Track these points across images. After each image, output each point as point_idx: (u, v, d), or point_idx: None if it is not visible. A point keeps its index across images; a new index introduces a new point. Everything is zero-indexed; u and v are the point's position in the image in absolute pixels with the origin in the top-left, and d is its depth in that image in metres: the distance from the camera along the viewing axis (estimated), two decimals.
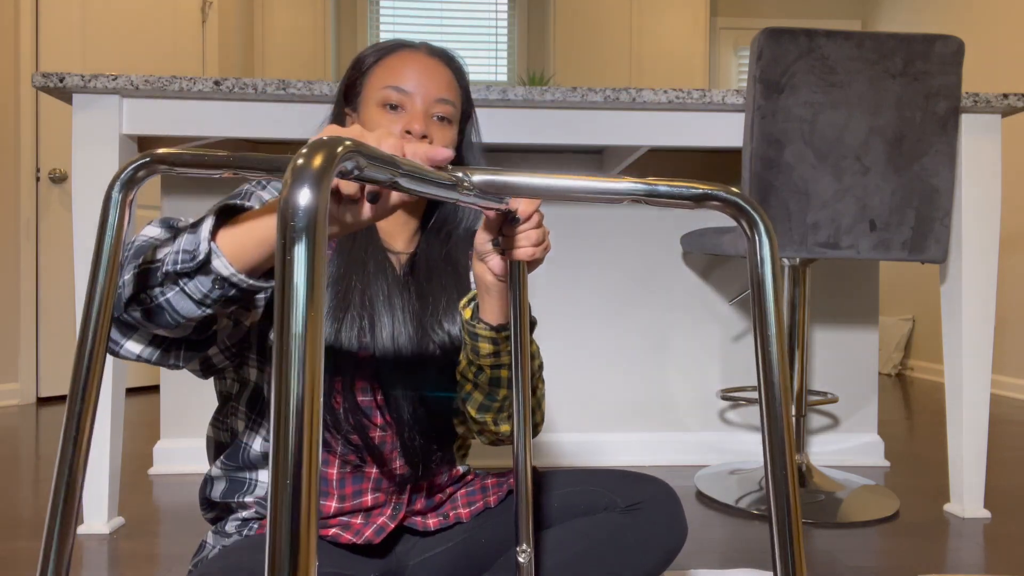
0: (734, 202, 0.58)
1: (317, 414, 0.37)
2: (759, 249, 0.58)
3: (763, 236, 0.58)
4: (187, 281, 0.70)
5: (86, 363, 0.61)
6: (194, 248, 0.69)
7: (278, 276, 0.37)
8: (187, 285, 0.70)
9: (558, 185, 0.61)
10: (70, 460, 0.60)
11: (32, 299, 3.18)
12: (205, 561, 0.95)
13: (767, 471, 0.57)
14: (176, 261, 0.69)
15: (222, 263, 0.69)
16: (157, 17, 3.60)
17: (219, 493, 0.97)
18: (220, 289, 0.70)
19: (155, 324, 0.73)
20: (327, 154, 0.40)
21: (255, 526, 0.96)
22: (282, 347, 0.37)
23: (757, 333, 0.58)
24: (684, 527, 1.05)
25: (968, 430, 1.74)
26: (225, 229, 0.71)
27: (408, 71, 0.97)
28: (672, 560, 1.04)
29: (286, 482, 0.36)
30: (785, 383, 0.57)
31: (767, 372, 0.57)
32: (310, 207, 0.38)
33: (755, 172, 1.62)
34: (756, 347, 0.58)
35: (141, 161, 0.60)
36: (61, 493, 0.60)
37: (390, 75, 0.97)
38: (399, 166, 0.49)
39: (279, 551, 0.36)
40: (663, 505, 1.05)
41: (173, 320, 0.72)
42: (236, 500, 0.96)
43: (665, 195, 0.59)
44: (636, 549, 1.02)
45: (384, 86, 0.97)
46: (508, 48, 5.15)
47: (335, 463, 0.95)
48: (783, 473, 0.56)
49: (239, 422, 0.97)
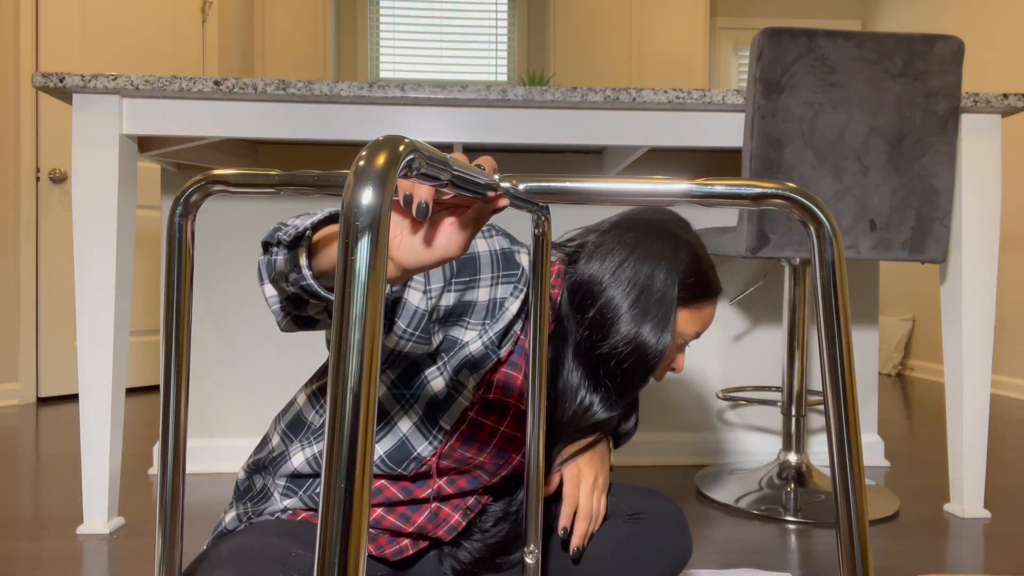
0: (798, 200, 0.55)
1: (371, 426, 0.36)
2: (826, 250, 0.54)
3: (829, 236, 0.54)
4: (285, 253, 0.72)
5: (174, 394, 0.64)
6: (298, 230, 0.71)
7: (338, 278, 0.37)
8: (277, 256, 0.72)
9: (613, 189, 0.58)
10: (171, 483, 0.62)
11: (32, 299, 3.18)
12: (224, 535, 0.96)
13: (834, 482, 0.55)
14: (286, 233, 0.71)
15: (302, 251, 0.70)
16: (157, 17, 3.60)
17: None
18: (294, 273, 0.71)
19: (268, 272, 0.76)
20: (390, 153, 0.39)
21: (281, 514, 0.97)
22: (340, 350, 0.36)
23: (823, 339, 0.55)
24: (689, 544, 1.07)
25: (968, 430, 1.74)
26: (327, 229, 0.72)
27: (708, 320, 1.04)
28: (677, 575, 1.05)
29: (339, 485, 0.35)
30: (853, 390, 0.55)
31: (834, 379, 0.55)
32: (374, 206, 0.37)
33: (755, 172, 1.62)
34: (821, 354, 0.55)
35: (197, 185, 0.62)
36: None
37: (700, 323, 1.02)
38: (451, 166, 0.49)
39: (330, 538, 0.35)
40: (670, 518, 1.06)
41: (272, 276, 0.75)
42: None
43: (723, 195, 0.56)
44: (641, 561, 1.03)
45: (695, 332, 1.02)
46: (508, 48, 5.15)
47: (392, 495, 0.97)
48: (852, 488, 0.54)
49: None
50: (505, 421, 0.95)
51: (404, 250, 0.61)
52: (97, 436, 1.57)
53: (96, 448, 1.57)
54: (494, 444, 0.95)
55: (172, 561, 0.63)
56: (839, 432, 0.54)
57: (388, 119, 1.66)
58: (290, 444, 0.96)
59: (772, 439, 2.26)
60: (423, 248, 0.61)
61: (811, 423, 2.29)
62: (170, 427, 0.63)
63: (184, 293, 0.63)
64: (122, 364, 1.61)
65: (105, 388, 1.57)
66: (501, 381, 0.94)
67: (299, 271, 0.69)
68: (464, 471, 0.97)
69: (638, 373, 0.97)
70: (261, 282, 0.79)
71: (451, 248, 0.61)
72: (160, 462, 0.63)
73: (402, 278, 0.64)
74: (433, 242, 0.61)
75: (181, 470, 0.64)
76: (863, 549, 0.54)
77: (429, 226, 0.61)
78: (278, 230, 0.73)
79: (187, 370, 0.64)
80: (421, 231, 0.61)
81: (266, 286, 0.78)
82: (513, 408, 0.95)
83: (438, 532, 0.98)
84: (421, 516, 0.97)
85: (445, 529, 0.99)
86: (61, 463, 2.16)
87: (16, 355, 3.13)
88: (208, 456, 2.10)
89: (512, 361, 0.95)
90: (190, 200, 0.62)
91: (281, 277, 0.73)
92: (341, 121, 1.65)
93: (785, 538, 1.62)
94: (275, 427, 1.00)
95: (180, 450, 0.63)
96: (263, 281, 0.79)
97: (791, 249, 1.63)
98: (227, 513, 0.99)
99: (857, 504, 0.54)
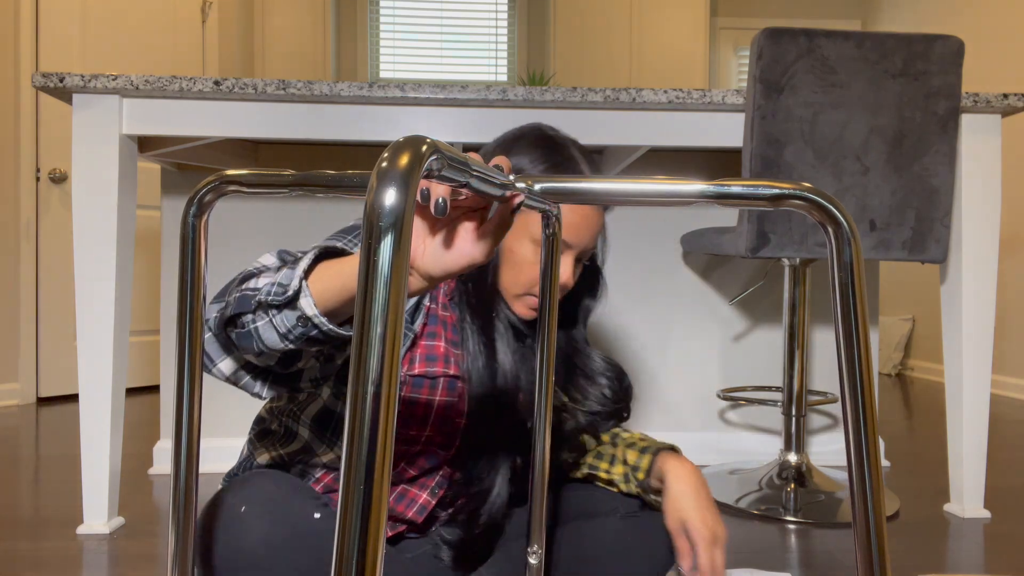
0: (816, 201, 0.54)
1: (391, 423, 0.36)
2: (844, 251, 0.53)
3: (847, 236, 0.53)
4: (276, 313, 0.70)
5: (187, 393, 0.64)
6: (288, 283, 0.70)
7: (361, 278, 0.36)
8: (275, 317, 0.71)
9: (627, 190, 0.57)
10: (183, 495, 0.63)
11: (32, 299, 3.18)
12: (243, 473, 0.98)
13: (851, 482, 0.54)
14: (270, 292, 0.70)
15: (308, 302, 0.69)
16: (157, 17, 3.60)
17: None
18: (303, 327, 0.70)
19: (243, 349, 0.75)
20: (413, 153, 0.39)
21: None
22: (361, 346, 0.36)
23: (840, 339, 0.54)
24: None
25: (968, 430, 1.74)
26: (319, 269, 0.71)
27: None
28: None
29: (358, 487, 0.35)
30: (871, 391, 0.54)
31: (852, 380, 0.54)
32: (397, 206, 0.36)
33: (755, 172, 1.62)
34: (839, 354, 0.55)
35: (210, 185, 0.62)
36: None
37: (569, 224, 0.98)
38: (471, 166, 0.49)
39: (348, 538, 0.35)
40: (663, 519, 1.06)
41: (259, 348, 0.73)
42: None
43: (739, 196, 0.55)
44: (635, 555, 1.03)
45: (571, 237, 0.98)
46: (508, 48, 5.15)
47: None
48: (869, 488, 0.54)
49: (301, 429, 0.98)
50: (438, 391, 0.96)
51: (428, 257, 0.60)
52: (97, 436, 1.57)
53: (96, 448, 1.57)
54: (434, 415, 0.96)
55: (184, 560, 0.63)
56: (856, 432, 0.54)
57: (388, 119, 1.66)
58: (255, 449, 1.01)
59: (772, 439, 2.26)
60: (447, 253, 0.60)
61: (811, 423, 2.29)
62: (183, 426, 0.63)
63: (197, 292, 0.63)
64: (122, 364, 1.61)
65: (105, 388, 1.57)
66: (423, 354, 0.95)
67: (305, 323, 0.69)
68: (418, 451, 0.98)
69: (485, 284, 0.97)
70: (212, 363, 0.78)
71: (476, 253, 0.60)
72: (173, 461, 0.63)
73: (429, 288, 0.63)
74: (457, 247, 0.60)
75: (194, 469, 0.63)
76: (880, 549, 0.54)
77: (449, 231, 0.60)
78: (245, 298, 0.72)
79: (200, 369, 0.64)
80: (441, 236, 0.60)
81: (222, 364, 0.78)
82: (442, 376, 0.96)
83: (408, 514, 0.99)
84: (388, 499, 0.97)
85: (415, 510, 1.00)
86: (61, 463, 2.16)
87: (16, 355, 3.13)
88: (213, 456, 2.09)
89: (429, 332, 0.96)
90: (204, 200, 0.62)
91: (273, 340, 0.71)
92: (341, 121, 1.65)
93: (785, 538, 1.62)
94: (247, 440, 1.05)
95: (193, 449, 0.63)
96: (215, 361, 0.77)
97: (791, 249, 1.63)
98: None
99: (874, 504, 0.54)
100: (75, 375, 3.28)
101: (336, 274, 0.69)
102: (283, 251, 0.81)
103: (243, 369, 0.80)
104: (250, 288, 0.73)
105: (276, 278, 0.71)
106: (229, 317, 0.73)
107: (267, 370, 0.81)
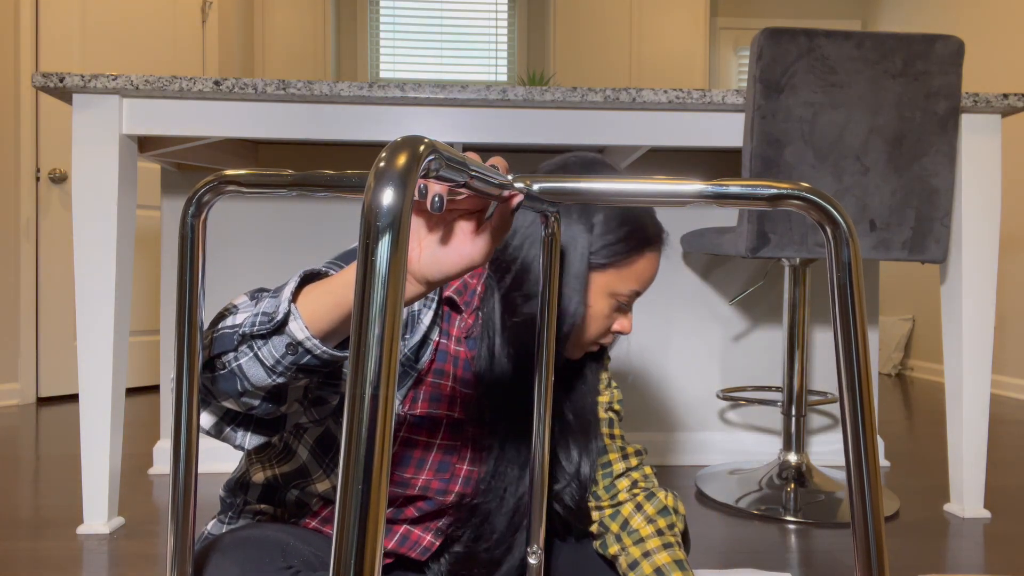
0: (814, 201, 0.54)
1: (388, 426, 0.36)
2: (842, 251, 0.54)
3: (846, 237, 0.54)
4: (261, 344, 0.67)
5: (186, 392, 0.64)
6: (273, 310, 0.67)
7: (359, 278, 0.36)
8: (261, 349, 0.67)
9: (627, 190, 0.57)
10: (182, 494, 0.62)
11: (32, 299, 3.18)
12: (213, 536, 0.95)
13: (849, 482, 0.54)
14: (254, 323, 0.67)
15: (298, 326, 0.66)
16: (157, 17, 3.60)
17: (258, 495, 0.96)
18: (292, 355, 0.67)
19: (223, 394, 0.71)
20: (411, 153, 0.39)
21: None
22: (359, 347, 0.35)
23: (839, 339, 0.54)
24: (687, 540, 1.06)
25: (968, 430, 1.74)
26: (307, 291, 0.68)
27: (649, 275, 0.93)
28: None
29: (356, 487, 0.35)
30: (870, 391, 0.54)
31: (851, 380, 0.54)
32: (394, 206, 0.36)
33: (755, 172, 1.62)
34: (838, 356, 0.55)
35: (209, 185, 0.61)
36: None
37: (636, 280, 0.91)
38: (468, 166, 0.48)
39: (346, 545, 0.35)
40: None
41: (242, 387, 0.69)
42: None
43: (738, 196, 0.56)
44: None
45: (632, 291, 0.91)
46: (508, 48, 5.15)
47: None
48: (867, 488, 0.53)
49: (301, 449, 0.92)
50: (439, 434, 0.90)
51: (425, 260, 0.59)
52: (97, 436, 1.57)
53: (96, 448, 1.57)
54: (432, 459, 0.90)
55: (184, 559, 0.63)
56: (855, 432, 0.54)
57: (388, 119, 1.66)
58: (251, 464, 0.97)
59: (772, 439, 2.26)
60: (444, 255, 0.59)
61: (811, 423, 2.29)
62: (182, 426, 0.63)
63: (195, 292, 0.62)
64: (122, 364, 1.61)
65: (105, 388, 1.57)
66: (428, 392, 0.89)
67: (295, 350, 0.66)
68: (415, 495, 0.92)
69: (560, 340, 0.91)
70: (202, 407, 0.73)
71: (475, 255, 0.59)
72: (172, 460, 0.63)
73: (426, 292, 0.61)
74: (455, 247, 0.59)
75: (194, 469, 0.63)
76: (879, 549, 0.54)
77: (446, 231, 0.59)
78: (225, 336, 0.69)
79: (199, 369, 0.63)
80: (438, 237, 0.59)
81: (201, 417, 0.74)
82: (445, 418, 0.90)
83: (412, 554, 0.96)
84: (391, 540, 0.94)
85: (418, 551, 0.96)
86: (61, 463, 2.16)
87: (16, 355, 3.13)
88: (213, 456, 2.09)
89: (437, 369, 0.90)
90: (203, 200, 0.62)
91: (258, 376, 0.68)
92: (341, 121, 1.65)
93: (785, 538, 1.62)
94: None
95: (192, 448, 0.63)
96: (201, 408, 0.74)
97: (791, 249, 1.63)
98: (208, 523, 1.00)
99: (873, 504, 0.54)
100: (75, 375, 3.28)
101: (326, 292, 0.66)
102: (256, 289, 0.77)
103: (223, 421, 0.76)
104: (228, 326, 0.70)
105: (258, 308, 0.68)
106: (206, 362, 0.70)
107: (249, 420, 0.77)
